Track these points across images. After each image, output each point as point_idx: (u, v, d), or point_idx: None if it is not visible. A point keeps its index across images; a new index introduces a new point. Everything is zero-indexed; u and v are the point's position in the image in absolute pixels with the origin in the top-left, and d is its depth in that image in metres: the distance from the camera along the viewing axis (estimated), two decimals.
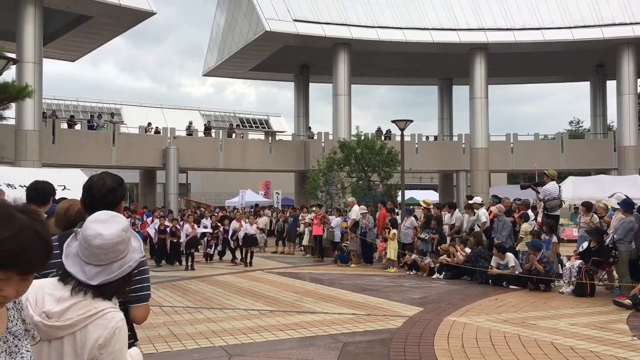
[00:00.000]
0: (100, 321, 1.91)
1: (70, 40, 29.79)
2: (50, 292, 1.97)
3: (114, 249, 2.00)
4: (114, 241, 2.00)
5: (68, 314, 1.92)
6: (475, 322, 8.29)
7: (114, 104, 49.92)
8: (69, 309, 1.93)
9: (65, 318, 1.91)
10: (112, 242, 2.00)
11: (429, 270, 14.24)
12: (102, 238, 1.99)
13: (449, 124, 39.87)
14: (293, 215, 22.35)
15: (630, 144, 32.08)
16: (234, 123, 46.84)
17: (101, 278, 1.98)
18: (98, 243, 1.99)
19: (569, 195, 19.65)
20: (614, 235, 10.48)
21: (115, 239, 2.01)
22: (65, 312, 1.92)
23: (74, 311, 1.92)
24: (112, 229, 2.02)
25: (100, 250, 1.99)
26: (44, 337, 1.91)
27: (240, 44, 32.96)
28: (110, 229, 2.02)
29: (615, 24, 31.62)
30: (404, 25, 31.97)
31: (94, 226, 2.03)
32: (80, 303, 1.94)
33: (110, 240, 2.00)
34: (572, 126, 59.81)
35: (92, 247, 1.99)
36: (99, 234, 2.00)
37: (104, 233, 2.00)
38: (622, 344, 6.95)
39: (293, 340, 7.30)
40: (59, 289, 1.99)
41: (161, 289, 11.92)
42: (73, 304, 1.94)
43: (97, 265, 1.99)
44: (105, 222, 2.05)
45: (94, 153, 28.81)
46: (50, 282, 2.03)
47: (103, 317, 1.92)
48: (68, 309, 1.93)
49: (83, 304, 1.95)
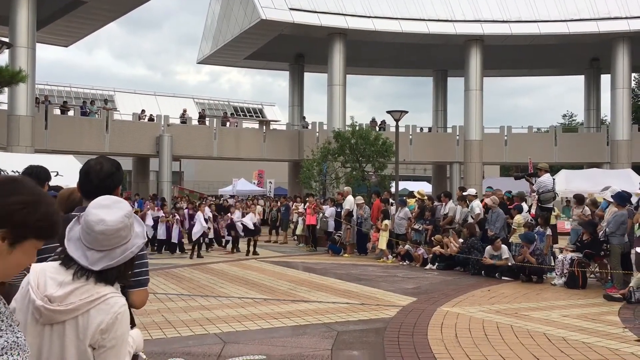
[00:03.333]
0: (102, 306, 1.90)
1: (63, 25, 29.53)
2: (52, 276, 1.96)
3: (116, 235, 1.99)
4: (116, 227, 1.98)
5: (70, 299, 1.91)
6: (468, 312, 8.34)
7: (107, 90, 49.59)
8: (71, 293, 1.92)
9: (68, 302, 1.90)
10: (114, 228, 1.98)
11: (422, 261, 14.29)
12: (104, 224, 1.97)
13: (444, 115, 39.90)
14: (285, 205, 22.36)
15: (623, 138, 32.23)
16: (228, 112, 46.64)
17: (103, 263, 1.96)
18: (100, 229, 1.97)
19: (561, 188, 19.71)
20: (607, 228, 10.55)
21: (118, 225, 1.99)
22: (68, 297, 1.91)
23: (76, 295, 1.91)
24: (114, 214, 2.00)
25: (103, 236, 1.97)
26: (46, 322, 1.89)
27: (236, 32, 32.79)
28: (113, 215, 2.00)
29: (611, 18, 31.66)
30: (400, 16, 31.88)
31: (97, 212, 2.00)
32: (82, 287, 1.93)
33: (112, 227, 1.98)
34: (565, 119, 59.98)
35: (95, 233, 1.97)
36: (102, 220, 1.98)
37: (107, 219, 1.98)
38: (613, 336, 7.01)
39: (287, 329, 7.32)
40: (60, 273, 1.97)
41: (155, 276, 11.90)
42: (75, 288, 1.93)
43: (100, 250, 1.97)
44: (107, 207, 2.02)
45: (87, 139, 28.66)
46: (52, 266, 2.01)
47: (105, 302, 1.91)
48: (70, 293, 1.92)
49: (85, 288, 1.93)
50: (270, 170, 40.56)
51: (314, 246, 18.62)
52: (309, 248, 18.70)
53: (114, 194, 2.64)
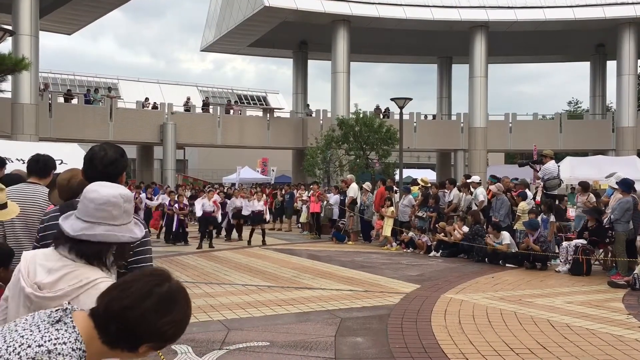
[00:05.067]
0: (92, 291, 1.89)
1: (67, 13, 29.45)
2: (42, 263, 1.96)
3: (103, 207, 2.00)
4: (105, 198, 2.01)
5: (59, 285, 1.90)
6: (472, 299, 8.35)
7: (110, 78, 49.49)
8: (60, 279, 1.91)
9: (57, 289, 1.90)
10: (104, 198, 2.01)
11: (426, 248, 14.30)
12: (96, 192, 2.03)
13: (448, 102, 39.71)
14: (289, 192, 22.37)
15: (628, 124, 32.05)
16: (231, 99, 46.54)
17: (82, 232, 1.97)
18: (91, 196, 2.03)
19: (566, 176, 19.62)
20: (612, 215, 10.52)
21: (109, 198, 2.02)
22: (57, 283, 1.90)
23: (65, 281, 1.91)
24: (109, 189, 2.06)
25: (92, 204, 2.00)
26: (36, 308, 1.89)
27: (239, 19, 32.62)
28: (108, 189, 2.06)
29: (617, 4, 31.33)
30: (404, 2, 31.64)
31: (95, 185, 2.09)
32: (71, 273, 1.93)
33: (103, 196, 2.02)
34: (570, 106, 59.64)
35: (86, 200, 2.03)
36: (95, 190, 2.05)
37: (100, 190, 2.05)
38: (617, 322, 7.01)
39: (291, 315, 7.34)
40: (50, 259, 1.97)
41: (159, 263, 11.94)
42: (64, 274, 1.92)
43: (85, 221, 2.00)
44: (107, 186, 2.09)
45: (91, 128, 28.66)
46: (43, 253, 2.02)
47: (95, 287, 1.90)
48: (59, 279, 1.91)
49: (75, 274, 1.93)
50: (274, 158, 40.52)
51: (318, 234, 18.64)
52: (313, 236, 18.73)
53: (119, 181, 2.64)
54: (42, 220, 2.73)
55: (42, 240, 2.59)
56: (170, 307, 1.57)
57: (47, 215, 2.74)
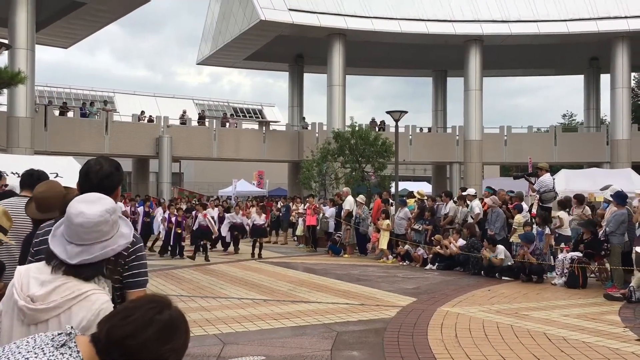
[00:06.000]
0: (84, 303, 1.90)
1: (63, 27, 29.50)
2: (35, 276, 1.96)
3: (95, 228, 1.99)
4: (95, 220, 1.98)
5: (52, 297, 1.90)
6: (468, 312, 8.33)
7: (106, 91, 49.57)
8: (52, 291, 1.91)
9: (49, 301, 1.90)
10: (93, 221, 1.98)
11: (422, 261, 14.28)
12: (83, 216, 1.98)
13: (443, 115, 39.87)
14: (285, 205, 22.33)
15: (623, 137, 32.21)
16: (227, 112, 46.65)
17: (80, 257, 1.96)
18: (79, 221, 1.98)
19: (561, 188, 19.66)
20: (607, 227, 10.54)
21: (97, 219, 1.99)
22: (49, 295, 1.91)
23: (57, 293, 1.91)
24: (95, 209, 2.01)
25: (82, 229, 1.97)
26: (30, 321, 1.89)
27: (235, 32, 32.76)
28: (92, 209, 2.00)
29: (610, 18, 31.63)
30: (399, 16, 31.86)
31: (77, 205, 2.02)
32: (64, 285, 1.93)
33: (91, 219, 1.98)
34: (565, 119, 59.94)
35: (74, 225, 1.98)
36: (81, 212, 1.99)
37: (86, 212, 1.99)
38: (614, 335, 7.00)
39: (287, 329, 7.31)
40: (43, 272, 1.97)
41: (154, 277, 11.88)
42: (57, 286, 1.92)
43: (79, 245, 1.98)
44: (91, 202, 2.04)
45: (86, 141, 28.65)
46: (35, 266, 2.01)
47: (87, 299, 1.90)
48: (52, 291, 1.91)
49: (67, 286, 1.93)
50: (270, 171, 40.55)
51: (314, 247, 18.60)
52: (309, 249, 18.68)
53: (114, 195, 2.63)
54: (37, 234, 2.72)
55: (36, 255, 2.57)
56: (172, 335, 1.58)
57: (42, 230, 2.72)
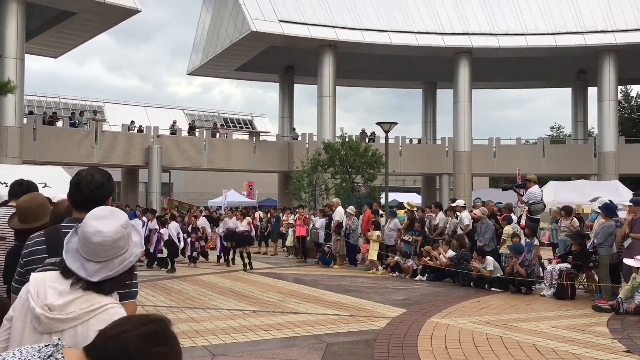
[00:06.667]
0: (102, 316, 1.91)
1: (53, 37, 29.42)
2: (52, 285, 1.96)
3: (114, 245, 2.00)
4: (113, 238, 1.99)
5: (70, 308, 1.91)
6: (458, 323, 8.34)
7: (96, 101, 49.36)
8: (71, 302, 1.92)
9: (68, 311, 1.90)
10: (111, 239, 1.99)
11: (412, 272, 14.29)
12: (101, 235, 1.98)
13: (433, 127, 40.08)
14: (275, 216, 22.31)
15: (610, 149, 32.51)
16: (218, 123, 46.60)
17: (102, 274, 1.97)
18: (98, 240, 1.98)
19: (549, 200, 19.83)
20: (595, 239, 10.62)
21: (115, 236, 2.00)
22: (68, 306, 1.91)
23: (76, 305, 1.92)
24: (111, 225, 2.01)
25: (101, 247, 1.98)
26: (45, 330, 1.90)
27: (226, 43, 32.83)
28: (109, 226, 2.01)
29: (597, 31, 32.03)
30: (389, 28, 32.08)
31: (94, 223, 2.01)
32: (83, 297, 1.94)
33: (110, 237, 1.99)
34: (553, 131, 60.45)
35: (92, 245, 1.98)
36: (99, 231, 1.99)
37: (103, 230, 1.99)
38: (602, 347, 7.04)
39: (276, 341, 7.28)
40: (60, 282, 1.98)
41: (143, 288, 11.81)
42: (76, 297, 1.94)
43: (98, 262, 1.98)
44: (104, 218, 2.03)
45: (75, 151, 28.49)
46: (51, 276, 2.01)
47: (105, 312, 1.92)
48: (71, 302, 1.92)
49: (86, 297, 1.94)
50: (260, 181, 40.50)
51: (304, 257, 18.57)
52: (299, 259, 18.65)
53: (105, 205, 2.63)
54: (26, 245, 2.70)
55: (26, 266, 2.55)
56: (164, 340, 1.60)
57: (31, 240, 2.70)
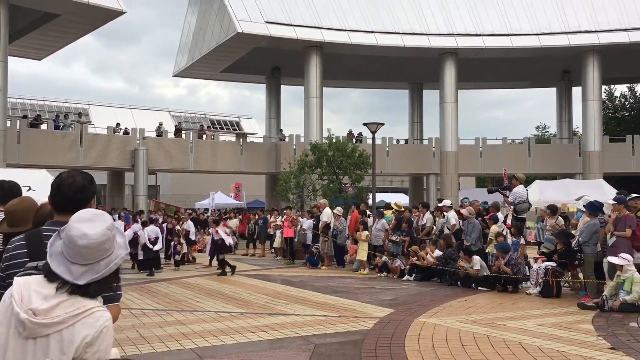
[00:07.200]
0: (88, 320, 1.90)
1: (36, 39, 29.14)
2: (37, 290, 1.94)
3: (99, 248, 1.98)
4: (99, 240, 1.98)
5: (56, 312, 1.89)
6: (445, 323, 8.38)
7: (81, 103, 49.02)
8: (56, 306, 1.90)
9: (53, 315, 1.89)
10: (97, 241, 1.97)
11: (400, 272, 14.33)
12: (87, 238, 1.97)
13: (420, 127, 40.23)
14: (263, 218, 22.26)
15: (594, 149, 32.82)
16: (204, 124, 46.46)
17: (88, 277, 1.95)
18: (83, 243, 1.96)
19: (535, 199, 19.98)
20: (580, 237, 10.71)
21: (101, 238, 1.98)
22: (53, 310, 1.90)
23: (61, 309, 1.90)
24: (97, 228, 2.00)
25: (86, 250, 1.96)
26: (30, 335, 1.87)
27: (212, 45, 32.73)
28: (95, 229, 1.99)
29: (581, 32, 32.35)
30: (375, 29, 32.16)
31: (79, 226, 1.99)
32: (68, 301, 1.92)
33: (95, 240, 1.97)
34: (538, 131, 60.96)
35: (78, 247, 1.96)
36: (84, 234, 1.97)
37: (89, 232, 1.98)
38: (587, 344, 7.10)
39: (264, 342, 7.27)
40: (45, 286, 1.95)
41: (130, 291, 11.74)
42: (61, 301, 1.92)
43: (84, 264, 1.96)
44: (90, 221, 2.02)
45: (60, 153, 28.24)
46: (36, 280, 1.99)
47: (91, 316, 1.91)
48: (56, 306, 1.90)
49: (71, 301, 1.92)
50: (248, 183, 40.40)
51: (292, 259, 18.55)
52: (287, 261, 18.63)
53: (87, 208, 2.60)
54: (7, 249, 2.66)
55: (7, 270, 2.51)
56: None
57: (11, 244, 2.67)
